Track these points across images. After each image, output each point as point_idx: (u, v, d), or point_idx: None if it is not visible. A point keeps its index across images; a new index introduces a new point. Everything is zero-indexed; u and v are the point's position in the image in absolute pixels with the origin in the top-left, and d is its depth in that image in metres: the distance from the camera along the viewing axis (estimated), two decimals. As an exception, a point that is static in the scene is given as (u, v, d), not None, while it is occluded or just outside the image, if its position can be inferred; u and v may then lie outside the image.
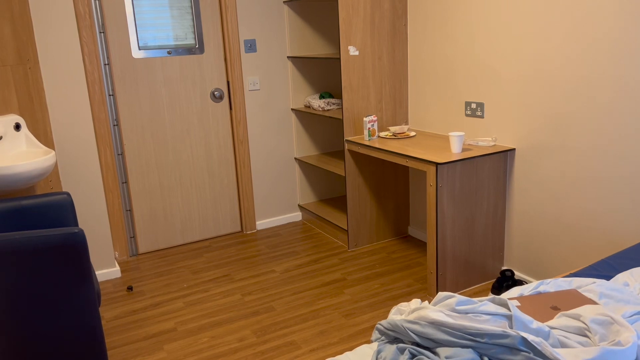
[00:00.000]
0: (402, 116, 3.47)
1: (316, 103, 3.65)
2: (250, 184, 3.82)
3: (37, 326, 2.02)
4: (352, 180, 3.38)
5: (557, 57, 2.46)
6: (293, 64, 3.81)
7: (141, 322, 2.72)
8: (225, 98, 3.66)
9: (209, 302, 2.88)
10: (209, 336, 2.55)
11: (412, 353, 1.44)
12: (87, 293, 2.08)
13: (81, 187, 3.08)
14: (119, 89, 3.34)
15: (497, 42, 2.75)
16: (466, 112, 3.02)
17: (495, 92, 2.82)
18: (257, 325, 2.63)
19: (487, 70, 2.84)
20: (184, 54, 3.48)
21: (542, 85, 2.56)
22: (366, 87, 3.29)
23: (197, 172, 3.67)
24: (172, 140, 3.55)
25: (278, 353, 2.38)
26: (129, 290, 3.07)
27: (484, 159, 2.75)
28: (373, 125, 3.17)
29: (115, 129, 3.39)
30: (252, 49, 3.64)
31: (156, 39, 3.40)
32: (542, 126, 2.60)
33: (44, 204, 2.48)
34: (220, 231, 3.83)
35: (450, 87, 3.11)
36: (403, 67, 3.40)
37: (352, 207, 3.41)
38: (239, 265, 3.34)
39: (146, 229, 3.57)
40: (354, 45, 3.20)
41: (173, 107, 3.51)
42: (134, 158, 3.46)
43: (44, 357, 2.05)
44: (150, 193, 3.54)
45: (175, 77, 3.48)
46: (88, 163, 3.08)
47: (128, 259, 3.53)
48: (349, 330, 2.54)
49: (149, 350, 2.47)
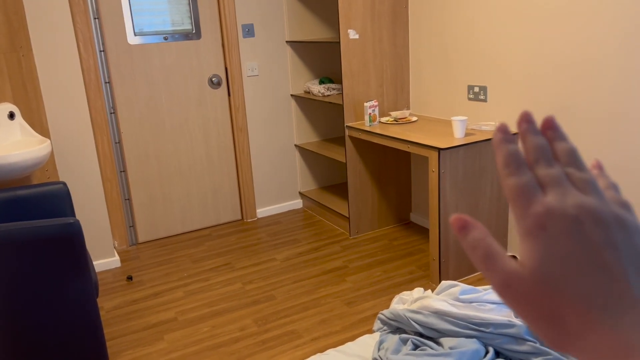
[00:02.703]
0: (403, 101, 3.41)
1: (316, 88, 3.59)
2: (250, 172, 3.77)
3: (34, 318, 1.99)
4: (353, 167, 3.33)
5: (561, 38, 2.39)
6: (292, 49, 3.74)
7: (141, 312, 2.70)
8: (223, 84, 3.60)
9: (210, 291, 2.86)
10: (209, 325, 2.53)
11: (415, 343, 1.41)
12: (84, 284, 2.05)
13: (78, 176, 3.04)
14: (115, 76, 3.28)
15: (500, 24, 2.68)
16: (469, 95, 2.96)
17: (499, 75, 2.76)
18: (258, 314, 2.60)
19: (490, 53, 2.78)
20: (181, 39, 3.42)
21: (546, 67, 2.50)
22: (367, 72, 3.23)
23: (196, 160, 3.62)
24: (170, 128, 3.50)
25: (279, 342, 2.36)
26: (128, 280, 3.05)
27: (487, 143, 2.70)
28: (374, 111, 3.11)
29: (112, 117, 3.34)
30: (250, 34, 3.57)
31: (152, 24, 3.33)
32: (546, 109, 2.54)
33: (39, 193, 2.44)
34: (220, 219, 3.79)
35: (452, 71, 3.05)
36: (404, 50, 3.33)
37: (354, 194, 3.37)
38: (240, 253, 3.32)
39: (145, 217, 3.54)
40: (353, 29, 3.13)
41: (170, 94, 3.46)
42: (131, 146, 3.41)
43: (42, 349, 2.03)
44: (149, 181, 3.51)
45: (172, 64, 3.42)
46: (85, 152, 3.04)
47: (127, 248, 3.50)
48: (351, 319, 2.51)
49: (149, 340, 2.45)
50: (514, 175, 0.34)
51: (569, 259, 0.31)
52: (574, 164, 0.35)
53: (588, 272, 0.30)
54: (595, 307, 0.30)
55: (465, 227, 0.35)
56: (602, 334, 0.29)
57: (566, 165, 0.35)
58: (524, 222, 0.33)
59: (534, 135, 0.36)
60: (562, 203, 0.32)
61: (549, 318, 0.31)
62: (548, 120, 0.37)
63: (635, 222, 0.33)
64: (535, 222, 0.32)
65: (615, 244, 0.31)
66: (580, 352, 0.30)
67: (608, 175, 0.37)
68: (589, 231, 0.31)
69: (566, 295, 0.30)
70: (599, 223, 0.31)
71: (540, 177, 0.34)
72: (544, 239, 0.31)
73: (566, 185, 0.33)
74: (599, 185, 0.34)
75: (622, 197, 0.35)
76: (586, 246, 0.31)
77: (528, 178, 0.34)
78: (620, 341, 0.28)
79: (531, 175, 0.34)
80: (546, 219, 0.32)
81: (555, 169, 0.34)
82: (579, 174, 0.34)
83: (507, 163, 0.34)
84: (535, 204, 0.32)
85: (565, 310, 0.30)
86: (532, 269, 0.31)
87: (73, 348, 2.07)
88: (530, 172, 0.34)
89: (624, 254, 0.31)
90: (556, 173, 0.34)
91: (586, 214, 0.31)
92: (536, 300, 0.31)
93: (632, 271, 0.30)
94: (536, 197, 0.33)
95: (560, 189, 0.33)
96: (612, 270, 0.30)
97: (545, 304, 0.31)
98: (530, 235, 0.32)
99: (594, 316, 0.29)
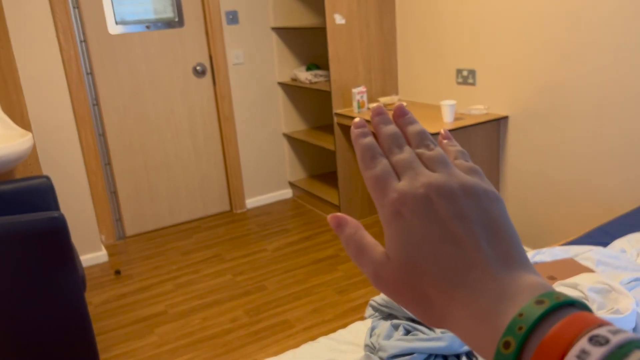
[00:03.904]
0: (391, 86, 3.38)
1: (303, 75, 3.55)
2: (238, 162, 3.73)
3: (21, 314, 1.95)
4: (343, 155, 3.30)
5: (550, 21, 2.37)
6: (278, 36, 3.69)
7: (130, 306, 2.66)
8: (208, 73, 3.54)
9: (200, 284, 2.82)
10: (200, 318, 2.50)
11: (406, 329, 1.39)
12: (70, 278, 2.00)
13: (62, 169, 2.98)
14: (97, 67, 3.21)
15: (488, 6, 2.65)
16: (457, 80, 2.94)
17: (487, 58, 2.73)
18: (250, 305, 2.58)
19: (478, 36, 2.75)
20: (163, 28, 3.35)
21: (535, 50, 2.48)
22: (354, 57, 3.19)
23: (183, 150, 3.57)
24: (155, 119, 3.44)
25: (271, 332, 2.34)
26: (117, 274, 3.00)
27: (477, 127, 2.68)
28: (362, 97, 3.08)
29: (96, 109, 3.27)
30: (234, 21, 3.50)
31: (134, 13, 3.26)
32: (536, 92, 2.52)
33: (23, 188, 2.38)
34: (209, 211, 3.75)
35: (440, 55, 3.02)
36: (391, 35, 3.29)
37: (343, 182, 3.34)
38: (229, 245, 3.28)
39: (132, 211, 3.49)
40: (340, 14, 3.08)
41: (154, 84, 3.39)
42: (116, 138, 3.35)
43: (30, 345, 1.99)
44: (135, 174, 3.45)
45: (155, 53, 3.35)
46: (68, 145, 2.98)
47: (115, 242, 3.45)
48: (343, 307, 2.50)
49: (140, 334, 2.42)
50: (370, 167, 0.35)
51: (424, 240, 0.31)
52: (423, 145, 0.35)
53: (442, 249, 0.31)
54: (452, 283, 0.30)
55: (339, 224, 0.35)
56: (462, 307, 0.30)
57: (417, 147, 0.35)
58: (382, 212, 0.33)
59: (385, 125, 0.37)
60: (412, 185, 0.32)
61: (418, 300, 0.31)
62: (398, 108, 0.38)
63: (482, 185, 0.33)
64: (391, 210, 0.32)
65: (462, 213, 0.31)
66: (450, 327, 0.31)
67: (456, 143, 0.38)
68: (437, 207, 0.31)
69: (427, 276, 0.31)
70: (445, 196, 0.32)
71: (393, 164, 0.34)
72: (401, 224, 0.32)
73: (416, 167, 0.34)
74: (447, 159, 0.34)
75: (471, 163, 0.35)
76: (437, 223, 0.31)
77: (382, 167, 0.34)
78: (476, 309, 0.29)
79: (386, 163, 0.34)
80: (400, 204, 0.32)
81: (405, 153, 0.35)
82: (429, 152, 0.35)
83: (363, 157, 0.35)
84: (390, 192, 0.33)
85: (430, 290, 0.31)
86: (395, 256, 0.32)
87: (62, 343, 2.03)
88: (385, 160, 0.35)
89: (474, 220, 0.31)
90: (407, 157, 0.34)
91: (433, 190, 0.32)
92: (404, 285, 0.31)
93: (483, 236, 0.31)
94: (391, 185, 0.33)
95: (411, 172, 0.33)
96: (462, 241, 0.30)
97: (412, 288, 0.31)
98: (389, 224, 0.32)
99: (453, 292, 0.30)
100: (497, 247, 0.31)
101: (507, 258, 0.30)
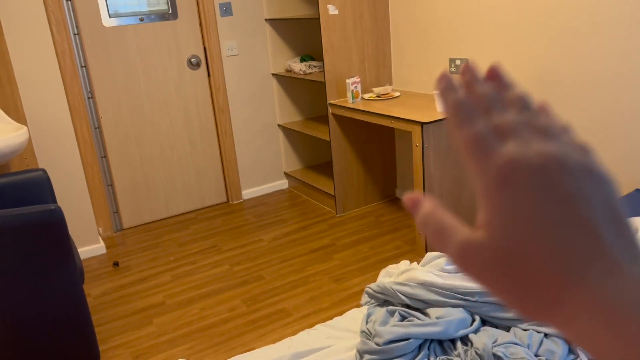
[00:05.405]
0: (385, 76, 3.39)
1: (297, 66, 3.55)
2: (233, 153, 3.74)
3: (20, 306, 1.97)
4: (338, 145, 3.32)
5: (541, 7, 2.38)
6: (271, 27, 3.68)
7: (129, 298, 2.68)
8: (202, 65, 3.54)
9: (197, 274, 2.85)
10: (198, 308, 2.53)
11: (402, 315, 1.42)
12: (68, 271, 2.02)
13: (58, 163, 2.99)
14: (91, 59, 3.20)
15: (481, -5, 2.66)
16: (451, 69, 2.95)
17: (481, 47, 2.75)
18: (247, 294, 2.61)
19: (471, 25, 2.76)
20: (157, 20, 3.34)
21: (528, 38, 2.49)
22: (348, 48, 3.20)
23: (178, 143, 3.58)
24: (150, 111, 3.44)
25: (269, 321, 2.37)
26: (115, 266, 3.02)
27: (470, 116, 2.69)
28: (356, 87, 3.09)
29: (90, 102, 3.27)
30: (228, 12, 3.50)
31: (127, 5, 3.25)
32: (528, 80, 2.54)
33: (19, 181, 2.39)
34: (205, 202, 3.77)
35: (434, 44, 3.03)
36: (385, 25, 3.30)
37: (339, 172, 3.37)
38: (226, 235, 3.30)
39: (129, 203, 3.50)
40: (333, 4, 3.08)
41: (149, 76, 3.39)
42: (111, 131, 3.35)
43: (29, 337, 2.01)
44: (131, 166, 3.46)
45: (150, 45, 3.35)
46: (64, 138, 2.98)
47: (112, 234, 3.47)
48: (340, 295, 2.53)
49: (138, 324, 2.44)
50: (467, 124, 0.29)
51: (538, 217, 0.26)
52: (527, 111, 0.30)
53: (562, 231, 0.26)
54: (573, 270, 0.25)
55: (416, 205, 0.32)
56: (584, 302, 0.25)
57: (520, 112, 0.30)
58: (483, 179, 0.28)
59: (481, 84, 0.31)
60: (525, 152, 0.27)
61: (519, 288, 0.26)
62: (493, 69, 0.32)
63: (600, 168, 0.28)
64: (496, 177, 0.27)
65: (587, 194, 0.26)
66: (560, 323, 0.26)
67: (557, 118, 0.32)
68: (558, 182, 0.26)
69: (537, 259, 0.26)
70: (567, 172, 0.27)
71: (496, 125, 0.29)
72: (507, 195, 0.27)
73: (526, 132, 0.28)
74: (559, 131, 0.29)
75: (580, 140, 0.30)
76: (557, 200, 0.26)
77: (483, 126, 0.29)
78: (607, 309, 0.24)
79: (486, 122, 0.29)
80: (509, 172, 0.27)
81: (512, 115, 0.29)
82: (536, 119, 0.29)
83: (456, 112, 0.30)
84: (494, 156, 0.28)
85: (538, 277, 0.26)
86: (495, 232, 0.27)
87: (62, 335, 2.05)
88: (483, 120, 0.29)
89: (599, 205, 0.26)
90: (514, 119, 0.29)
91: (553, 162, 0.27)
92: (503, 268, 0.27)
93: (607, 227, 0.26)
94: (495, 147, 0.28)
95: (520, 136, 0.28)
96: (588, 226, 0.26)
97: (513, 273, 0.26)
98: (493, 194, 0.28)
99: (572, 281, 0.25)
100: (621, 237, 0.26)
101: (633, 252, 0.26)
